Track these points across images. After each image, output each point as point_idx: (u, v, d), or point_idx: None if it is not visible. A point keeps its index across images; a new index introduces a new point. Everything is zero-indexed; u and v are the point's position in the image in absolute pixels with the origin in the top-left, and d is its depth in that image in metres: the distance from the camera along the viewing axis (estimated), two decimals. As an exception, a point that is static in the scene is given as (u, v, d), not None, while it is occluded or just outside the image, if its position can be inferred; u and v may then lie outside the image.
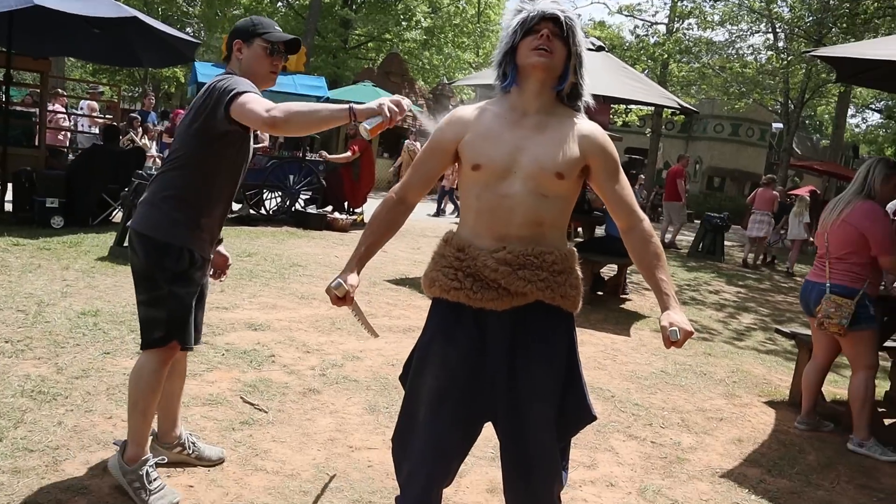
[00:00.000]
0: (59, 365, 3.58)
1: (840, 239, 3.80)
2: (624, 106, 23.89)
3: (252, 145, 2.60)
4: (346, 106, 2.12)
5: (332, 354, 4.32)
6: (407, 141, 15.54)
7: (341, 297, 1.95)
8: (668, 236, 13.46)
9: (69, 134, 11.33)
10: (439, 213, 14.80)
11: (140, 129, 11.20)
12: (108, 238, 6.87)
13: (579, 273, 1.99)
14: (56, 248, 6.35)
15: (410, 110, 2.20)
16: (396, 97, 2.13)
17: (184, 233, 2.40)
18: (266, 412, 3.35)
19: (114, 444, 2.65)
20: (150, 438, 2.62)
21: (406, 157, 14.78)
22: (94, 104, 12.16)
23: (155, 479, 2.45)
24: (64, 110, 11.34)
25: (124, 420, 3.03)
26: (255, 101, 2.19)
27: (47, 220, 7.32)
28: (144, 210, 2.44)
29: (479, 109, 1.97)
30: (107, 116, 11.78)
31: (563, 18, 1.85)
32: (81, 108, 12.46)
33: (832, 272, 3.83)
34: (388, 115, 2.08)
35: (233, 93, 2.23)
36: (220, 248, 2.75)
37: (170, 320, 2.41)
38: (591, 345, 5.36)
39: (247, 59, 2.46)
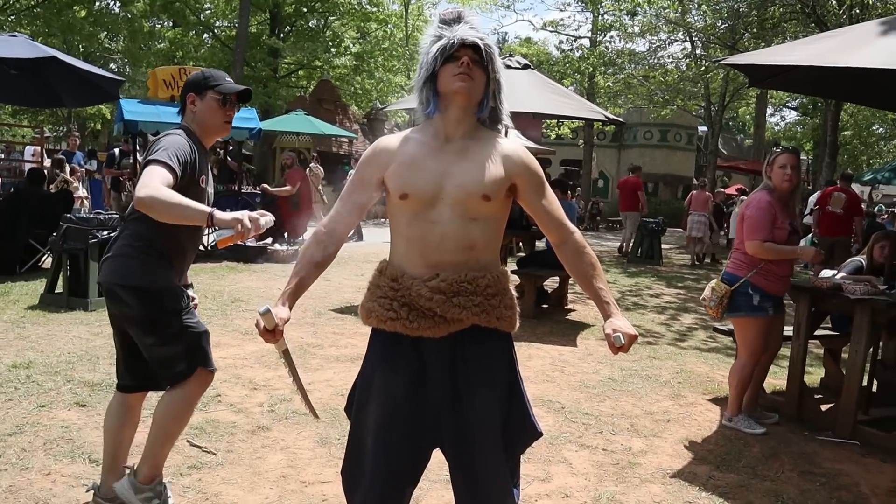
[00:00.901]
0: (-8, 424, 3.43)
1: (738, 230, 4.10)
2: (556, 120, 24.39)
3: (209, 189, 2.68)
4: (208, 211, 2.18)
5: (279, 389, 4.26)
6: (311, 164, 15.24)
7: (270, 331, 1.87)
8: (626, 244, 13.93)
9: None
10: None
11: (67, 170, 10.87)
12: (38, 285, 6.62)
13: (513, 292, 2.02)
14: (-18, 301, 6.09)
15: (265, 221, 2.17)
16: (256, 214, 2.17)
17: (168, 274, 2.54)
18: (214, 454, 3.28)
19: (124, 467, 2.69)
20: (92, 492, 2.62)
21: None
22: (39, 150, 11.81)
23: (170, 498, 2.64)
24: None
25: (64, 475, 2.92)
26: (147, 175, 2.27)
27: (-30, 270, 7.03)
28: (122, 262, 2.50)
29: (403, 138, 1.98)
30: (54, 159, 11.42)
31: (482, 46, 1.89)
32: (28, 154, 12.12)
33: (730, 262, 4.13)
34: (241, 230, 2.12)
35: (149, 158, 2.35)
36: (189, 291, 2.81)
37: (189, 351, 2.54)
38: (539, 358, 5.42)
39: (200, 112, 2.55)
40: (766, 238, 3.85)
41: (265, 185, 11.35)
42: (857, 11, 11.37)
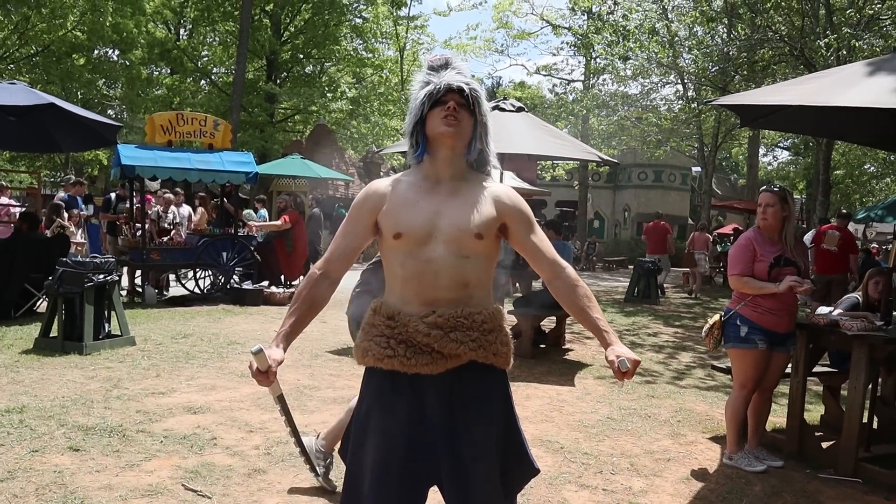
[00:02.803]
0: (-17, 470, 3.37)
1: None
2: (551, 162, 24.64)
3: None
4: None
5: (276, 432, 4.21)
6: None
7: (263, 372, 1.86)
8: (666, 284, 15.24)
9: None
10: None
11: (66, 215, 10.90)
12: (33, 329, 6.59)
13: (508, 330, 2.03)
14: (-24, 346, 6.04)
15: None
16: None
17: None
18: (210, 497, 3.23)
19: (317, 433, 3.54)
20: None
21: None
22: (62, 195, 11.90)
23: (333, 469, 3.38)
24: (10, 202, 11.11)
25: (56, 522, 2.87)
26: None
27: (-34, 316, 6.99)
28: (359, 298, 3.21)
29: (395, 181, 2.03)
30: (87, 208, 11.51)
31: (467, 90, 1.94)
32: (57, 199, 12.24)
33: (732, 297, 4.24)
34: None
35: None
36: None
37: None
38: (537, 398, 5.38)
39: None
40: (742, 273, 3.99)
41: (252, 223, 10.99)
42: (845, 53, 11.60)
